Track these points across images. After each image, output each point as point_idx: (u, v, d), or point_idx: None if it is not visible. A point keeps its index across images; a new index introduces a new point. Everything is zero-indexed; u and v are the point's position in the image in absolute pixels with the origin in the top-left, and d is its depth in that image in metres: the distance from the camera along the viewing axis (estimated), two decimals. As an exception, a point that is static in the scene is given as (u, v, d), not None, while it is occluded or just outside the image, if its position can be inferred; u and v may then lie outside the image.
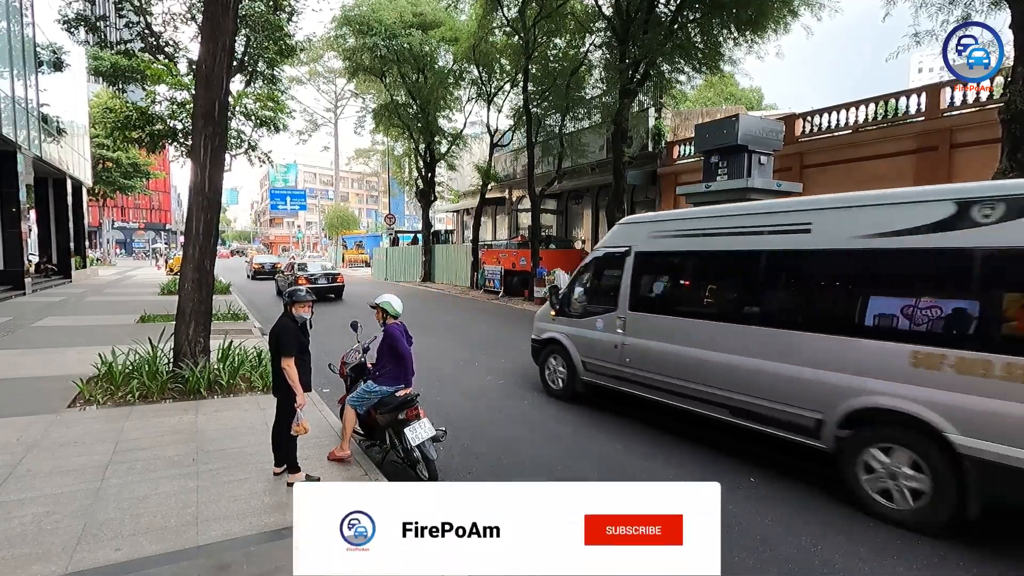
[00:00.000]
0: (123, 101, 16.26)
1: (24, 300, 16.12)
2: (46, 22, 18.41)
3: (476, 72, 22.08)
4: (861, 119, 14.08)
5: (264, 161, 16.35)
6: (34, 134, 17.90)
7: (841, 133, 14.43)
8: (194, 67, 12.27)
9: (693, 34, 15.38)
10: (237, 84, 14.14)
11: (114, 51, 14.36)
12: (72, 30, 13.99)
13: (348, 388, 5.16)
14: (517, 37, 18.45)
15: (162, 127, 14.09)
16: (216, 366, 6.94)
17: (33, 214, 22.86)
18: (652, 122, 19.96)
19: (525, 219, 24.85)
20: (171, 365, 6.81)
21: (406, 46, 21.41)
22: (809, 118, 15.25)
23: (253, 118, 14.75)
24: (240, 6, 9.16)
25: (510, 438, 5.71)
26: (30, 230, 21.65)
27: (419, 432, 4.27)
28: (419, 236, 32.65)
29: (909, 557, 3.55)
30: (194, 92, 8.30)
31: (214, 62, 6.73)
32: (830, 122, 14.71)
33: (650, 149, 19.96)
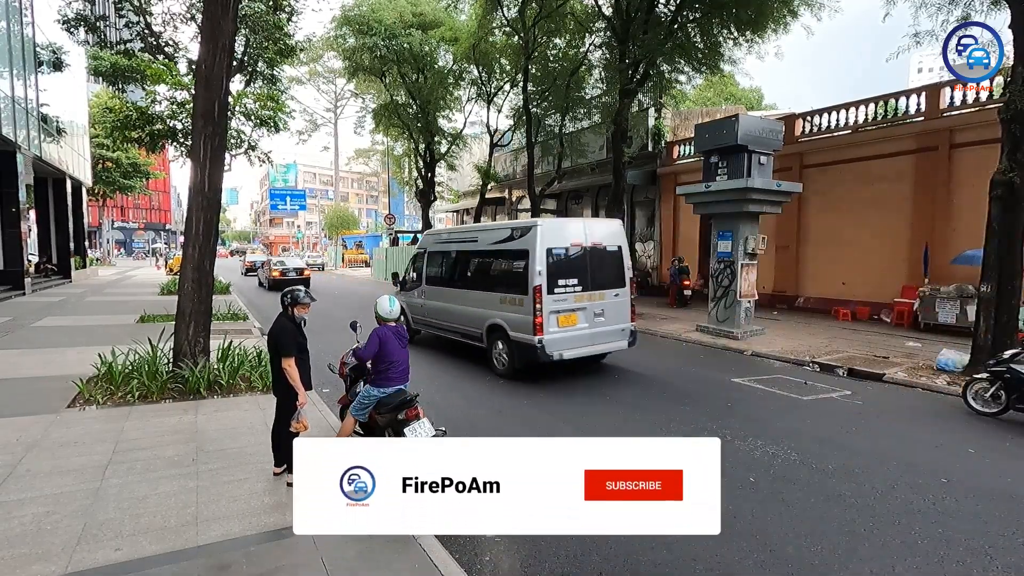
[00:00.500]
0: (123, 101, 16.20)
1: (24, 300, 16.12)
2: (46, 22, 18.40)
3: (476, 72, 22.08)
4: (861, 119, 14.07)
5: (264, 161, 16.31)
6: (34, 134, 17.89)
7: (841, 133, 14.42)
8: (194, 67, 12.28)
9: (693, 34, 15.39)
10: (237, 84, 14.14)
11: (114, 51, 14.34)
12: (72, 30, 13.99)
13: (348, 388, 5.16)
14: (517, 37, 18.45)
15: (162, 127, 14.04)
16: (216, 366, 6.95)
17: (33, 214, 22.85)
18: (652, 122, 19.96)
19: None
20: (171, 365, 6.81)
21: (406, 46, 21.42)
22: (809, 118, 15.24)
23: (253, 118, 14.70)
24: (240, 6, 9.16)
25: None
26: (30, 230, 21.64)
27: (419, 432, 4.26)
28: (419, 236, 32.56)
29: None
30: (194, 92, 8.29)
31: (214, 62, 6.74)
32: (830, 122, 14.70)
33: (650, 149, 19.96)
